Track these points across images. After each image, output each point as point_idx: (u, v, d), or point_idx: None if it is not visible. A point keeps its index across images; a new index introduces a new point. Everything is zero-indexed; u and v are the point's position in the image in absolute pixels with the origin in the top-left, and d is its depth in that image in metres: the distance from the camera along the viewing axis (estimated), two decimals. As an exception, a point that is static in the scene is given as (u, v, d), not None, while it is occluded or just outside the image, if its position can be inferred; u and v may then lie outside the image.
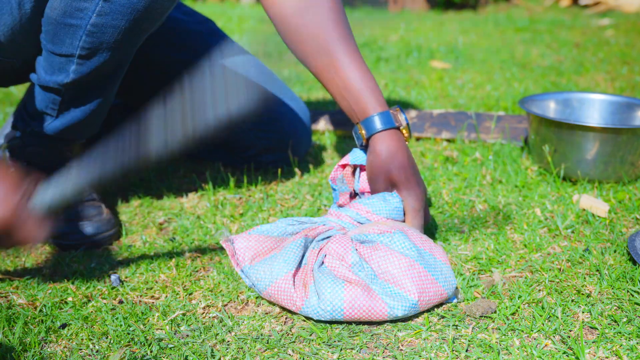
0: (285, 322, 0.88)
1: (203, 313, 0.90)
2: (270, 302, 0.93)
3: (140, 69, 1.33)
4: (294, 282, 0.89)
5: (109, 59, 1.00)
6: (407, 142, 1.02)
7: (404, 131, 1.01)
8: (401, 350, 0.82)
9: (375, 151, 0.99)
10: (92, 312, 0.90)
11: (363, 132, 1.00)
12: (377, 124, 0.98)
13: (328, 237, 0.94)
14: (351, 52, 1.01)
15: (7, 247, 0.85)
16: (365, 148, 1.02)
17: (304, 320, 0.88)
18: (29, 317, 0.88)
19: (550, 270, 1.00)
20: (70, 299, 0.94)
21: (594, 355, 0.80)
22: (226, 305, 0.93)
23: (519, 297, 0.92)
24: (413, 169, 0.99)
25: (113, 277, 0.98)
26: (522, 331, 0.84)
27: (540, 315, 0.87)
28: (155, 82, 1.37)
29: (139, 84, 1.37)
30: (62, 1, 0.95)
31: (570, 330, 0.85)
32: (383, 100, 1.00)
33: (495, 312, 0.88)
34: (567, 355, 0.79)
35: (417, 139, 1.62)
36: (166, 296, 0.94)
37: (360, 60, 1.01)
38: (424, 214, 1.00)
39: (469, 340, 0.83)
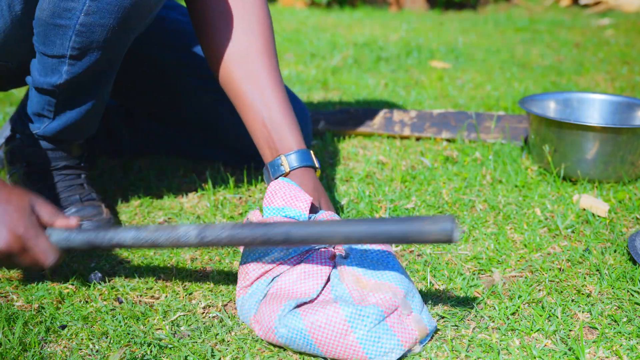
0: (285, 322, 0.88)
1: (203, 313, 0.90)
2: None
3: (138, 70, 1.33)
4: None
5: (100, 58, 1.00)
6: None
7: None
8: (401, 350, 0.82)
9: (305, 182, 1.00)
10: (91, 312, 0.90)
11: (285, 163, 1.01)
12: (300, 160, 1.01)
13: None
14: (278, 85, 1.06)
15: (14, 267, 0.87)
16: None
17: (304, 320, 0.88)
18: (29, 317, 0.88)
19: (550, 270, 1.00)
20: (70, 299, 0.94)
21: (594, 355, 0.80)
22: (226, 305, 0.93)
23: (519, 297, 0.92)
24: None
25: (92, 275, 0.98)
26: (522, 331, 0.84)
27: (540, 315, 0.87)
28: (153, 83, 1.37)
29: (136, 84, 1.37)
30: (50, 2, 0.95)
31: (570, 330, 0.85)
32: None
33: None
34: (567, 355, 0.79)
35: (417, 139, 1.62)
36: (166, 296, 0.94)
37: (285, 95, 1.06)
38: None
39: (469, 340, 0.83)
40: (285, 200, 0.91)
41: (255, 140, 1.05)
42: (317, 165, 1.02)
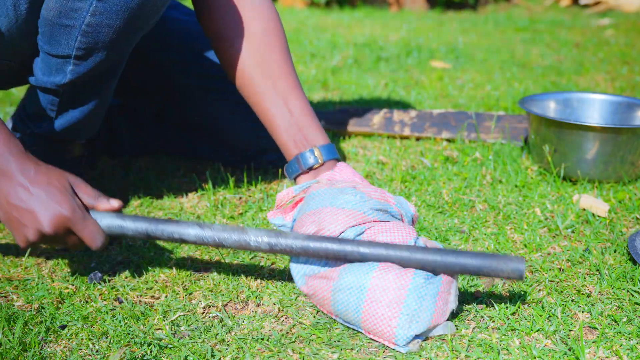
0: (285, 322, 0.88)
1: (203, 313, 0.90)
2: (270, 302, 0.93)
3: (140, 69, 1.33)
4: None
5: (105, 58, 1.00)
6: None
7: None
8: (400, 350, 0.81)
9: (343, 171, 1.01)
10: (91, 312, 0.90)
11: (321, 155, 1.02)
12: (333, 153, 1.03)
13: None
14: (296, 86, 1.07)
15: (61, 246, 0.87)
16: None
17: (304, 321, 0.88)
18: (29, 317, 0.88)
19: (550, 270, 1.00)
20: (70, 299, 0.94)
21: (594, 355, 0.80)
22: (226, 305, 0.93)
23: (519, 297, 0.92)
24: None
25: (92, 275, 0.98)
26: (522, 331, 0.84)
27: (540, 315, 0.87)
28: (153, 83, 1.37)
29: (139, 84, 1.37)
30: (56, 2, 0.95)
31: (570, 330, 0.85)
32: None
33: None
34: (567, 355, 0.79)
35: (417, 139, 1.62)
36: (166, 296, 0.94)
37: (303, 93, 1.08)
38: None
39: (469, 340, 0.83)
40: (378, 193, 0.93)
41: (278, 136, 1.06)
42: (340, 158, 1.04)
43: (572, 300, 0.92)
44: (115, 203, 0.88)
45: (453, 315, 0.88)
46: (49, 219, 0.81)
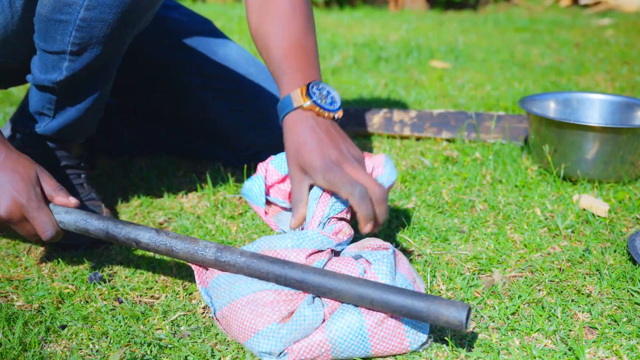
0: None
1: (203, 313, 0.90)
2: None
3: (140, 69, 1.34)
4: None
5: (100, 54, 1.00)
6: (324, 119, 0.90)
7: (313, 109, 0.89)
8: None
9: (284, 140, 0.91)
10: (91, 312, 0.90)
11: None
12: (282, 107, 0.91)
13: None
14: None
15: (17, 232, 0.89)
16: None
17: (304, 320, 0.88)
18: (29, 317, 0.88)
19: (550, 270, 1.00)
20: (70, 299, 0.94)
21: (594, 355, 0.80)
22: (226, 305, 0.93)
23: (519, 297, 0.92)
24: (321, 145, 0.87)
25: (92, 275, 0.98)
26: (522, 331, 0.84)
27: (540, 315, 0.87)
28: (153, 83, 1.37)
29: (137, 84, 1.37)
30: None
31: (570, 330, 0.85)
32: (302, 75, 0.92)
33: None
34: (567, 355, 0.79)
35: (417, 139, 1.62)
36: (166, 296, 0.94)
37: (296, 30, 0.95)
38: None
39: (469, 340, 0.83)
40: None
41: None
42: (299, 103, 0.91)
43: (572, 300, 0.92)
44: (72, 200, 0.90)
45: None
46: (5, 204, 0.84)
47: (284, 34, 0.95)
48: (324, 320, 0.79)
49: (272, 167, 0.93)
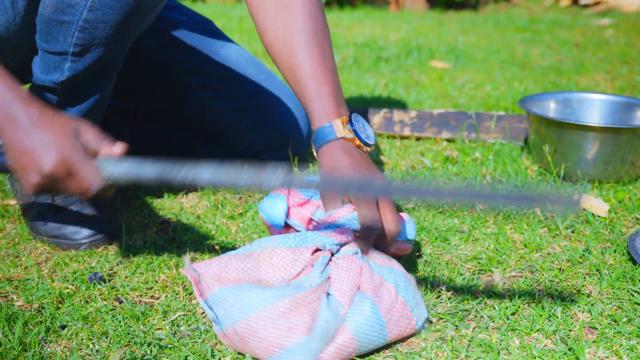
0: (285, 322, 0.88)
1: (203, 313, 0.90)
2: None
3: (140, 70, 1.34)
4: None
5: (102, 55, 1.00)
6: (362, 151, 0.94)
7: (353, 141, 0.93)
8: (400, 350, 0.82)
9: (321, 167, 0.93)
10: (91, 312, 0.90)
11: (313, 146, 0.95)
12: (320, 137, 0.93)
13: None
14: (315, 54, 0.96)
15: (59, 193, 0.85)
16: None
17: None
18: (29, 317, 0.88)
19: (550, 270, 1.00)
20: (70, 299, 0.94)
21: (594, 355, 0.80)
22: (226, 305, 0.93)
23: (519, 297, 0.92)
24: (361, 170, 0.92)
25: (92, 275, 0.98)
26: (522, 331, 0.84)
27: (540, 315, 0.87)
28: (154, 83, 1.37)
29: (137, 84, 1.37)
30: None
31: (570, 330, 0.85)
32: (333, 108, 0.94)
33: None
34: (567, 355, 0.79)
35: (417, 139, 1.62)
36: (166, 296, 0.94)
37: (322, 61, 0.96)
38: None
39: (469, 340, 0.83)
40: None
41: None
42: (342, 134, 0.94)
43: (572, 300, 0.92)
44: (117, 148, 0.86)
45: (452, 315, 0.88)
46: (49, 160, 0.80)
47: (309, 51, 0.95)
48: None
49: (297, 191, 0.94)
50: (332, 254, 0.85)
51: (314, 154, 0.95)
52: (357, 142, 0.92)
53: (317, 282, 0.79)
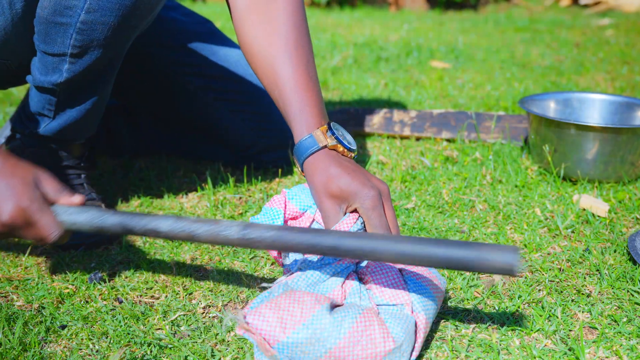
0: (285, 322, 0.88)
1: (203, 313, 0.90)
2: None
3: (140, 70, 1.34)
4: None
5: (100, 56, 1.00)
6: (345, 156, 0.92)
7: (336, 148, 0.92)
8: (401, 350, 0.82)
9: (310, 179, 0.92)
10: (91, 312, 0.90)
11: (295, 160, 0.94)
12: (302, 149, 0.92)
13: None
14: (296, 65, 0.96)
15: (22, 238, 0.87)
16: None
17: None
18: (29, 317, 0.88)
19: (550, 270, 1.00)
20: (70, 299, 0.94)
21: (594, 355, 0.80)
22: (226, 305, 0.93)
23: (519, 297, 0.92)
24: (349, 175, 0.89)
25: (92, 275, 0.98)
26: (522, 331, 0.84)
27: (540, 315, 0.87)
28: (153, 83, 1.37)
29: (137, 84, 1.37)
30: (51, 0, 0.95)
31: (570, 330, 0.85)
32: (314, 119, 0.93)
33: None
34: (567, 355, 0.79)
35: (417, 139, 1.62)
36: (166, 296, 0.94)
37: (303, 74, 0.95)
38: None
39: (469, 340, 0.83)
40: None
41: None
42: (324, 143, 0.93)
43: (572, 300, 0.92)
44: (76, 199, 0.88)
45: (454, 316, 0.88)
46: (7, 209, 0.82)
47: (293, 64, 0.94)
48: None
49: (292, 204, 0.92)
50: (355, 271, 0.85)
51: (298, 169, 0.94)
52: (341, 148, 0.91)
53: (365, 305, 0.80)
